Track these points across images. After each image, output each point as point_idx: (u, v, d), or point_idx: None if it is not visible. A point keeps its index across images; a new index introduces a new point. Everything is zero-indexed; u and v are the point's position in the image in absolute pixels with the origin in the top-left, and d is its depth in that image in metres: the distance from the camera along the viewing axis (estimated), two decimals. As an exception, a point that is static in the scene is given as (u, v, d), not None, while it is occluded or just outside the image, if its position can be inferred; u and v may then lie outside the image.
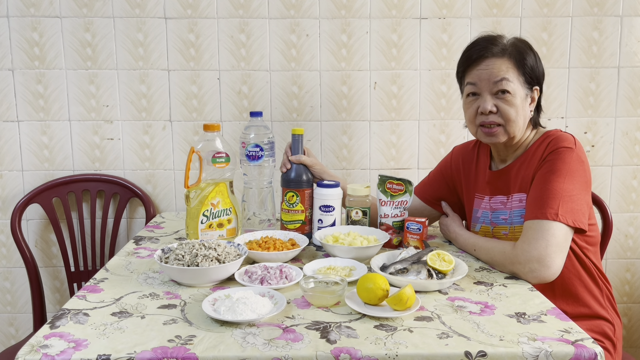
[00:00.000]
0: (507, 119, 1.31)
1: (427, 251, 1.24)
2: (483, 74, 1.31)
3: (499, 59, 1.30)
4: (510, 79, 1.29)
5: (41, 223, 1.97)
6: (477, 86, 1.33)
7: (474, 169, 1.50)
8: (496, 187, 1.42)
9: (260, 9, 1.86)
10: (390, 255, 1.31)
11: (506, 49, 1.31)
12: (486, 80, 1.31)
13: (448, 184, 1.58)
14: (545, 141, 1.33)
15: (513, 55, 1.31)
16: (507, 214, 1.38)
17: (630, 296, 2.06)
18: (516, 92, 1.30)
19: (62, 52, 1.87)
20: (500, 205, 1.40)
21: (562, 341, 0.93)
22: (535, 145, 1.35)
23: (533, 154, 1.34)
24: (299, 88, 1.91)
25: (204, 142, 1.48)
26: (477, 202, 1.47)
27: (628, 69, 1.92)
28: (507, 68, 1.30)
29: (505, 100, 1.30)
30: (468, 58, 1.35)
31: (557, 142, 1.30)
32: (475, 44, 1.36)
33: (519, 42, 1.34)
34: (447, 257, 1.21)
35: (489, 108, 1.31)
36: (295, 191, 1.49)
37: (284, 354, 0.89)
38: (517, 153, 1.40)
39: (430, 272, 1.18)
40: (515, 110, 1.30)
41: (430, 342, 0.92)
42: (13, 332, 2.04)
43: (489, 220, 1.42)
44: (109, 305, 1.08)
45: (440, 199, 1.59)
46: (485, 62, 1.31)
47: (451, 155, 1.60)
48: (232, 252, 1.25)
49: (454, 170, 1.56)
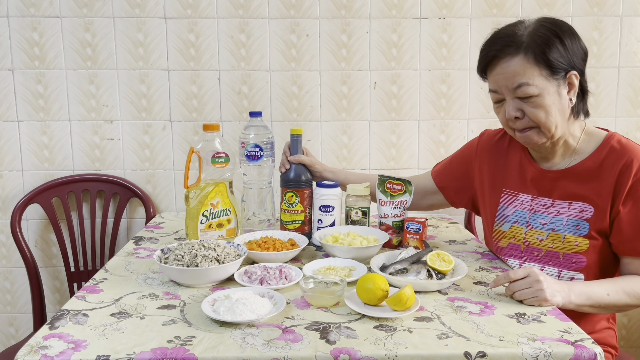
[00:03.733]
0: (537, 121, 1.18)
1: (427, 251, 1.24)
2: (500, 79, 1.18)
3: (514, 59, 1.15)
4: (530, 81, 1.15)
5: (41, 223, 1.97)
6: (498, 92, 1.21)
7: (502, 163, 1.37)
8: (544, 188, 1.28)
9: (260, 9, 1.86)
10: (390, 255, 1.31)
11: (521, 44, 1.15)
12: (504, 87, 1.18)
13: (467, 171, 1.46)
14: (616, 153, 1.21)
15: (531, 49, 1.14)
16: (549, 219, 1.26)
17: (631, 296, 2.06)
18: (543, 91, 1.15)
19: (62, 52, 1.87)
20: (543, 209, 1.28)
21: (562, 341, 0.93)
22: (601, 153, 1.22)
23: (601, 165, 1.21)
24: (299, 88, 1.91)
25: (204, 142, 1.48)
26: (508, 199, 1.34)
27: (628, 69, 1.91)
28: (524, 69, 1.15)
29: (530, 103, 1.17)
30: (482, 60, 1.23)
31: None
32: (488, 42, 1.22)
33: (540, 29, 1.17)
34: (447, 257, 1.21)
35: (513, 114, 1.19)
36: (295, 191, 1.49)
37: (283, 354, 0.89)
38: (565, 151, 1.26)
39: (429, 272, 1.18)
40: (544, 111, 1.16)
41: (430, 343, 0.92)
42: (13, 332, 2.04)
43: (524, 221, 1.30)
44: (108, 306, 1.08)
45: (455, 186, 1.49)
46: (500, 65, 1.18)
47: (479, 139, 1.46)
48: (232, 253, 1.25)
49: (478, 163, 1.43)
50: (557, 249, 1.24)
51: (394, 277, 1.16)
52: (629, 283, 1.16)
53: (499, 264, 1.35)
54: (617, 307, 1.16)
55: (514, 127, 1.22)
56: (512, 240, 1.32)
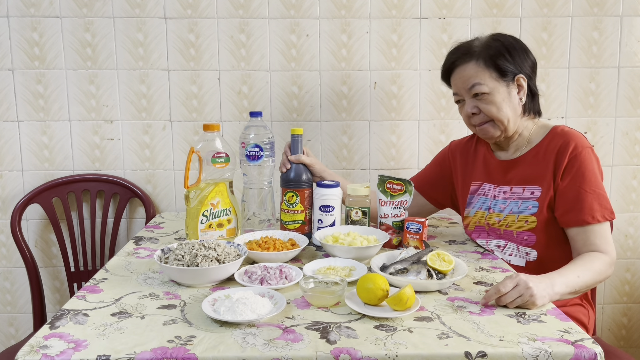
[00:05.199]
0: (491, 116, 1.37)
1: (427, 251, 1.24)
2: (458, 82, 1.40)
3: (467, 65, 1.38)
4: (482, 81, 1.35)
5: (41, 223, 1.97)
6: (459, 94, 1.42)
7: (471, 159, 1.56)
8: (503, 177, 1.46)
9: (260, 9, 1.86)
10: (390, 255, 1.31)
11: (474, 52, 1.38)
12: (462, 88, 1.40)
13: (445, 175, 1.64)
14: (557, 138, 1.38)
15: (482, 56, 1.36)
16: (507, 203, 1.42)
17: (630, 296, 2.06)
18: (493, 90, 1.36)
19: (62, 52, 1.87)
20: (503, 195, 1.44)
21: (562, 341, 0.93)
22: (545, 141, 1.40)
23: (545, 150, 1.38)
24: (299, 88, 1.91)
25: (204, 142, 1.48)
26: (473, 189, 1.52)
27: (628, 69, 1.91)
28: (477, 71, 1.36)
29: (483, 100, 1.37)
30: (444, 71, 1.45)
31: (576, 143, 1.35)
32: (449, 54, 1.44)
33: (491, 41, 1.39)
34: (447, 257, 1.21)
35: (470, 111, 1.39)
36: (295, 191, 1.49)
37: (283, 354, 0.89)
38: (519, 143, 1.44)
39: (430, 272, 1.18)
40: (495, 106, 1.36)
41: (430, 343, 0.92)
42: (13, 332, 2.04)
43: (487, 206, 1.47)
44: (108, 306, 1.08)
45: (437, 190, 1.65)
46: (457, 71, 1.40)
47: (449, 147, 1.66)
48: (232, 252, 1.25)
49: (452, 162, 1.62)
50: (511, 227, 1.40)
51: (394, 277, 1.16)
52: (589, 260, 1.27)
53: (499, 263, 1.35)
54: (587, 286, 1.25)
55: (474, 122, 1.42)
56: (477, 223, 1.50)
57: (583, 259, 1.28)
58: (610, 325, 2.08)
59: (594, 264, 1.26)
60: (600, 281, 1.29)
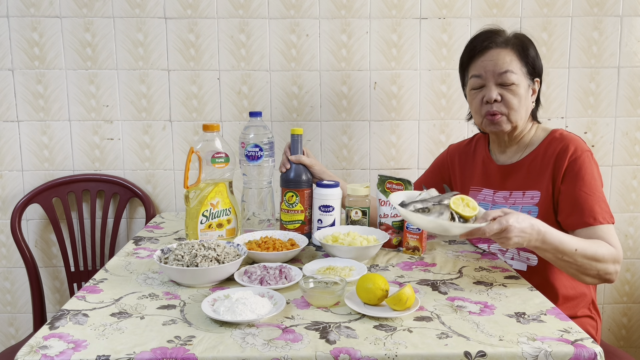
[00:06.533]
0: (510, 108, 1.35)
1: (451, 194, 1.18)
2: (488, 64, 1.36)
3: (502, 50, 1.36)
4: (514, 71, 1.34)
5: (41, 223, 1.97)
6: (482, 78, 1.38)
7: (470, 164, 1.56)
8: (503, 183, 1.45)
9: (260, 9, 1.86)
10: (409, 194, 1.25)
11: (509, 40, 1.37)
12: (491, 72, 1.35)
13: (444, 180, 1.63)
14: (556, 142, 1.37)
15: (516, 46, 1.36)
16: (507, 208, 1.39)
17: (630, 296, 2.06)
18: (520, 83, 1.35)
19: (62, 52, 1.87)
20: (502, 200, 1.44)
21: (562, 341, 0.93)
22: (544, 144, 1.40)
23: (544, 154, 1.38)
24: (299, 88, 1.91)
25: (204, 142, 1.48)
26: (472, 194, 1.51)
27: (628, 69, 1.91)
28: (511, 59, 1.35)
29: (509, 90, 1.35)
30: (472, 49, 1.40)
31: (575, 147, 1.34)
32: (478, 36, 1.40)
33: (520, 35, 1.40)
34: (472, 204, 1.15)
35: (494, 97, 1.35)
36: (295, 191, 1.49)
37: (283, 354, 0.89)
38: (520, 147, 1.44)
39: (453, 215, 1.13)
40: (518, 99, 1.35)
41: (430, 342, 0.92)
42: (13, 332, 2.04)
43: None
44: (108, 306, 1.08)
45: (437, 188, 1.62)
46: (489, 53, 1.36)
47: (447, 151, 1.65)
48: (232, 253, 1.25)
49: (450, 166, 1.62)
50: None
51: (415, 215, 1.11)
52: (596, 242, 1.23)
53: (499, 263, 1.35)
54: (580, 263, 1.20)
55: (490, 110, 1.37)
56: None
57: (590, 240, 1.24)
58: (610, 325, 2.08)
59: (601, 248, 1.22)
60: (599, 269, 1.22)
